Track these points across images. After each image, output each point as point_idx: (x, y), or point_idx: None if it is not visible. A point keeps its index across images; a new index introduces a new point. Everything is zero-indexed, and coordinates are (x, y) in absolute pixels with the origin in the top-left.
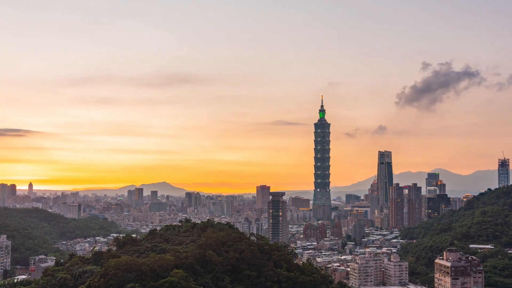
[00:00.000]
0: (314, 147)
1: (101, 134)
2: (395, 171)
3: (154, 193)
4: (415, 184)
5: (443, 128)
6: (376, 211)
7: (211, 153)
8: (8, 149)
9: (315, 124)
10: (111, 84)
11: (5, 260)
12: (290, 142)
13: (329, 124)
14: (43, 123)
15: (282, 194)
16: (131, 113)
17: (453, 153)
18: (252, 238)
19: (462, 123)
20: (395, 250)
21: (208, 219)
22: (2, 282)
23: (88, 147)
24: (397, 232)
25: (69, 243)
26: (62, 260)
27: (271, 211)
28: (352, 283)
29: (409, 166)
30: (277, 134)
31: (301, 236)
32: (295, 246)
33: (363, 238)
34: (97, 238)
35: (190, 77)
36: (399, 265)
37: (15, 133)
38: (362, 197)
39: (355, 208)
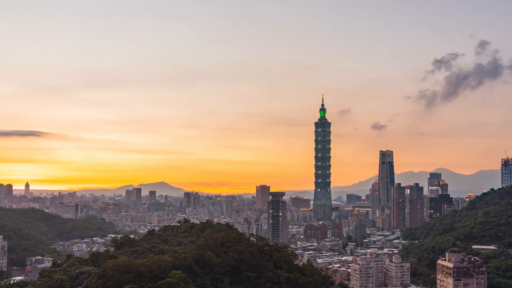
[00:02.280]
0: (314, 146)
1: (99, 134)
2: (397, 171)
3: (152, 193)
4: (417, 184)
5: (445, 128)
6: (377, 211)
7: (210, 153)
8: (8, 149)
9: (316, 123)
10: (111, 84)
11: (1, 261)
12: (290, 141)
13: (330, 123)
14: (42, 123)
15: (282, 194)
16: (130, 113)
17: (455, 152)
18: (251, 238)
19: (463, 123)
20: (396, 251)
21: (207, 220)
22: None
23: (86, 146)
24: (399, 232)
25: (66, 244)
26: (59, 261)
27: (271, 211)
28: (353, 284)
29: (411, 166)
30: (278, 134)
31: (302, 236)
32: (295, 246)
33: (364, 239)
34: (94, 238)
35: (190, 77)
36: (401, 266)
37: (20, 134)
38: (363, 197)
39: (356, 209)
